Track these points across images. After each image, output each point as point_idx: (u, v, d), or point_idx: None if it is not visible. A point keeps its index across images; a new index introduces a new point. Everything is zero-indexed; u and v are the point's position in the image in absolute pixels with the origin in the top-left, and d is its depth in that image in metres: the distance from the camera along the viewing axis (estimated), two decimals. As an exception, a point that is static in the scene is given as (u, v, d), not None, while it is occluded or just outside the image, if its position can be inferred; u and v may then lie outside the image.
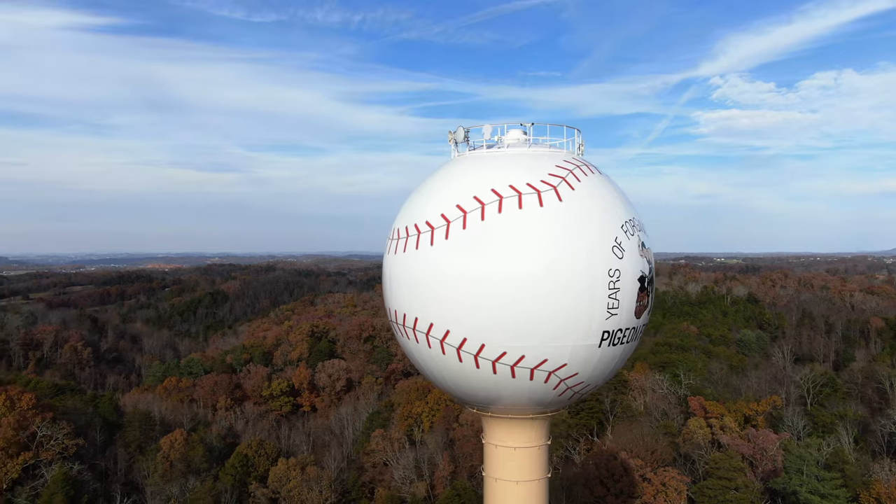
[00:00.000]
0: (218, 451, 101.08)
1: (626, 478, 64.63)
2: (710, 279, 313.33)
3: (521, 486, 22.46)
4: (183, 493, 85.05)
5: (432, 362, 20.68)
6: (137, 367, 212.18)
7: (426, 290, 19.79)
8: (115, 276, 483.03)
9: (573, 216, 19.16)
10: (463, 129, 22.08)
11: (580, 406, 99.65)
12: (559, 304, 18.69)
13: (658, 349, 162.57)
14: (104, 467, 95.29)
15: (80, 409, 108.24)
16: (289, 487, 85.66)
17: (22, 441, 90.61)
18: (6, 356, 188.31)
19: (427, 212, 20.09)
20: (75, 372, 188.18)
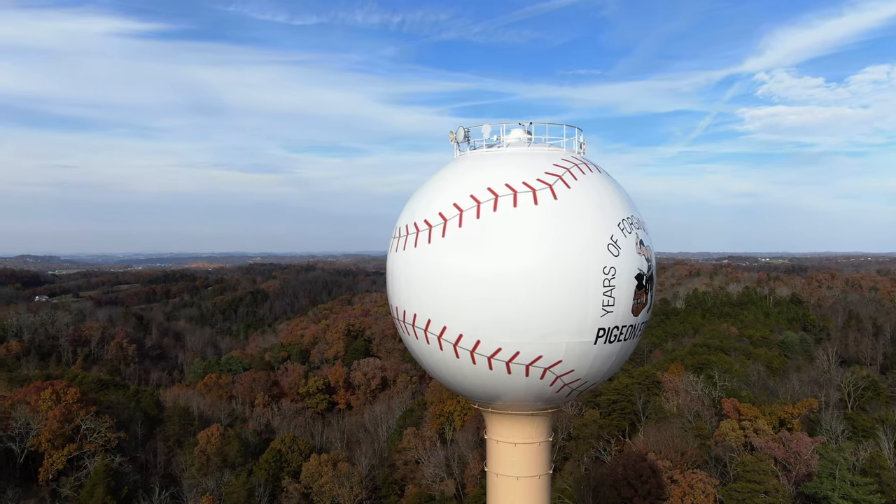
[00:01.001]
0: (253, 447, 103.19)
1: (653, 479, 63.96)
2: (752, 279, 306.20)
3: (521, 482, 22.66)
4: (218, 486, 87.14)
5: (432, 358, 21.07)
6: (180, 363, 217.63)
7: (424, 286, 20.20)
8: (160, 275, 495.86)
9: (568, 214, 19.32)
10: (463, 129, 22.42)
11: (612, 407, 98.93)
12: (553, 301, 18.87)
13: (696, 350, 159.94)
14: (144, 460, 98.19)
15: (123, 404, 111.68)
16: (320, 483, 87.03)
17: (67, 433, 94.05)
18: (56, 352, 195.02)
19: (426, 210, 20.49)
20: (121, 368, 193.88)
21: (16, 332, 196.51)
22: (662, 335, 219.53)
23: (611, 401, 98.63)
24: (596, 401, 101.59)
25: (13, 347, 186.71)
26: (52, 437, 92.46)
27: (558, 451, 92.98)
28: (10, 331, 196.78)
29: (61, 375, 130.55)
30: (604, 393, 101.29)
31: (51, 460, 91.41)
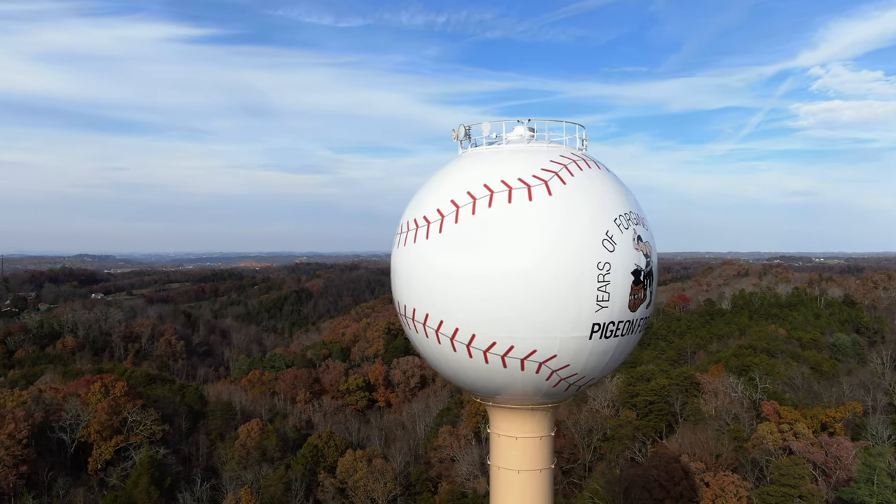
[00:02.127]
0: (292, 442, 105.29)
1: (685, 481, 63.03)
2: (803, 280, 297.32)
3: (522, 476, 22.89)
4: (257, 479, 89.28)
5: (432, 352, 21.49)
6: (226, 360, 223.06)
7: (422, 282, 20.66)
8: (209, 274, 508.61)
9: (562, 209, 19.48)
10: (464, 127, 22.75)
11: (648, 408, 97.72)
12: (546, 296, 19.06)
13: (741, 352, 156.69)
14: (187, 452, 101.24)
15: (169, 398, 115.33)
16: (355, 478, 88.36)
17: (115, 425, 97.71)
18: (108, 347, 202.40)
19: (425, 207, 20.93)
20: (169, 363, 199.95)
21: (71, 328, 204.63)
22: (707, 336, 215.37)
23: (647, 402, 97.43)
24: (633, 401, 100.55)
25: (69, 343, 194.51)
26: (101, 428, 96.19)
27: (593, 451, 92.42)
28: (67, 327, 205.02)
29: (111, 370, 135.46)
30: (640, 394, 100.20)
31: (99, 451, 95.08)
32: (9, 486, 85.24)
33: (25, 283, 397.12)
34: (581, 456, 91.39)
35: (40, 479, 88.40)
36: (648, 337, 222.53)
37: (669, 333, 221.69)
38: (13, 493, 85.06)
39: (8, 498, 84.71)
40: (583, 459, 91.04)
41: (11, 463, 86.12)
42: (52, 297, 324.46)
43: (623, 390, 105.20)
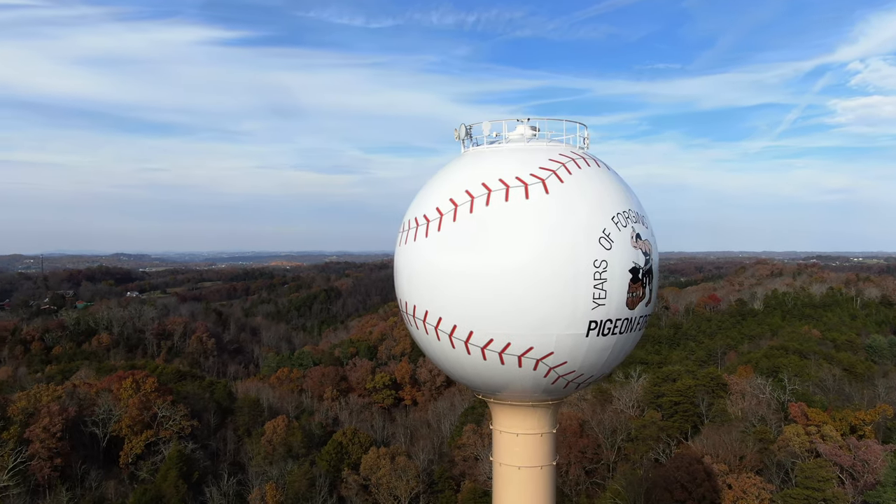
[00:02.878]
0: (317, 438, 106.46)
1: (707, 483, 62.30)
2: (839, 280, 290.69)
3: (523, 472, 23.07)
4: (282, 474, 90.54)
5: (432, 348, 21.81)
6: (256, 357, 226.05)
7: (421, 279, 21.00)
8: (241, 273, 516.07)
9: (559, 208, 19.62)
10: (465, 126, 22.99)
11: (674, 409, 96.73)
12: (542, 293, 19.22)
13: (772, 353, 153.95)
14: (215, 448, 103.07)
15: (198, 395, 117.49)
16: (378, 475, 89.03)
17: (145, 420, 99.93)
18: (142, 344, 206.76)
19: (425, 206, 21.24)
20: (200, 361, 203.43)
21: (106, 325, 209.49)
22: (738, 337, 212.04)
23: (673, 402, 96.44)
24: (658, 402, 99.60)
25: (104, 340, 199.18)
26: (132, 423, 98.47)
27: (617, 451, 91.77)
28: (102, 324, 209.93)
29: (143, 366, 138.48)
30: (666, 394, 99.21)
31: (130, 445, 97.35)
32: (44, 478, 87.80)
33: (64, 282, 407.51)
34: (605, 456, 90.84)
35: (74, 472, 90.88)
36: (678, 337, 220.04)
37: (699, 334, 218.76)
38: (48, 485, 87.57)
39: (43, 489, 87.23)
40: (606, 460, 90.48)
41: (46, 455, 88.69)
42: (89, 296, 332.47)
43: (648, 390, 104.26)
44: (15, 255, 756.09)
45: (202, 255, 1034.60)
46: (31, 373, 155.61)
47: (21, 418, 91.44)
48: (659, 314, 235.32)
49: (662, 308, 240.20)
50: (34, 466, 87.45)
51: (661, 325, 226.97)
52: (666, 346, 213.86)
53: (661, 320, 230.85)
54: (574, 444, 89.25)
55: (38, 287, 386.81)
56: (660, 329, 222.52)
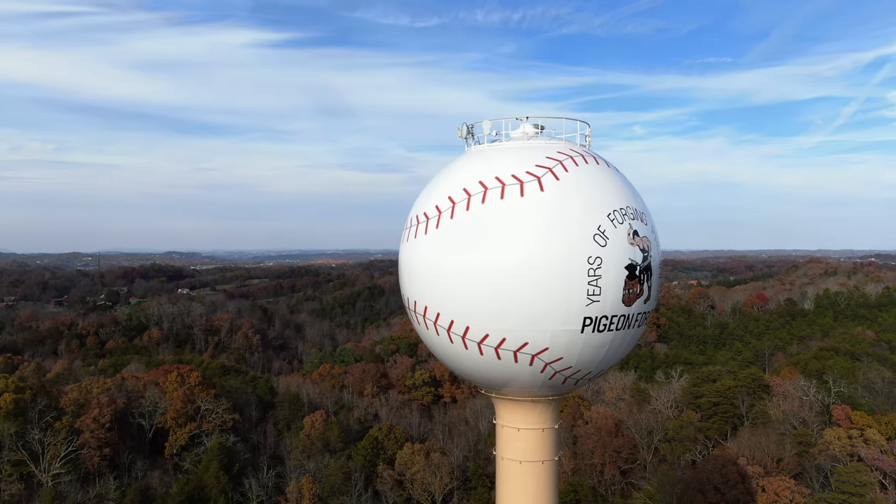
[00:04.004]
0: (355, 433, 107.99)
1: (741, 485, 61.12)
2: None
3: (524, 466, 23.34)
4: (319, 468, 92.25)
5: (432, 343, 22.35)
6: (299, 354, 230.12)
7: (421, 276, 21.53)
8: (287, 271, 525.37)
9: (553, 204, 19.85)
10: (466, 126, 23.36)
11: (713, 409, 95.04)
12: (536, 289, 19.49)
13: (821, 354, 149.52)
14: (256, 441, 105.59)
15: (241, 389, 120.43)
16: (413, 471, 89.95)
17: (189, 413, 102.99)
18: (190, 340, 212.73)
19: (427, 203, 21.73)
20: (246, 356, 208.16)
21: (157, 321, 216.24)
22: (787, 337, 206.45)
23: (712, 403, 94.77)
24: (696, 403, 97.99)
25: (154, 335, 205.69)
26: (177, 415, 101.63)
27: (654, 452, 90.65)
28: (153, 320, 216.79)
29: (190, 361, 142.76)
30: (705, 395, 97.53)
31: (175, 436, 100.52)
32: (93, 467, 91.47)
33: (119, 279, 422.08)
34: (641, 457, 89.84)
35: (121, 461, 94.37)
36: (723, 337, 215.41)
37: (746, 334, 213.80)
38: (97, 474, 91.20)
39: (93, 477, 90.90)
40: (643, 460, 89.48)
41: (96, 445, 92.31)
42: (141, 292, 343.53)
43: (687, 391, 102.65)
44: (74, 253, 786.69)
45: (251, 254, 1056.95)
46: (86, 366, 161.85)
47: (73, 409, 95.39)
48: (704, 314, 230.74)
49: (708, 308, 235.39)
50: (84, 455, 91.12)
51: (707, 324, 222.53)
52: (711, 346, 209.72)
53: (707, 320, 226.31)
54: (609, 443, 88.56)
55: (94, 284, 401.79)
56: (705, 329, 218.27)
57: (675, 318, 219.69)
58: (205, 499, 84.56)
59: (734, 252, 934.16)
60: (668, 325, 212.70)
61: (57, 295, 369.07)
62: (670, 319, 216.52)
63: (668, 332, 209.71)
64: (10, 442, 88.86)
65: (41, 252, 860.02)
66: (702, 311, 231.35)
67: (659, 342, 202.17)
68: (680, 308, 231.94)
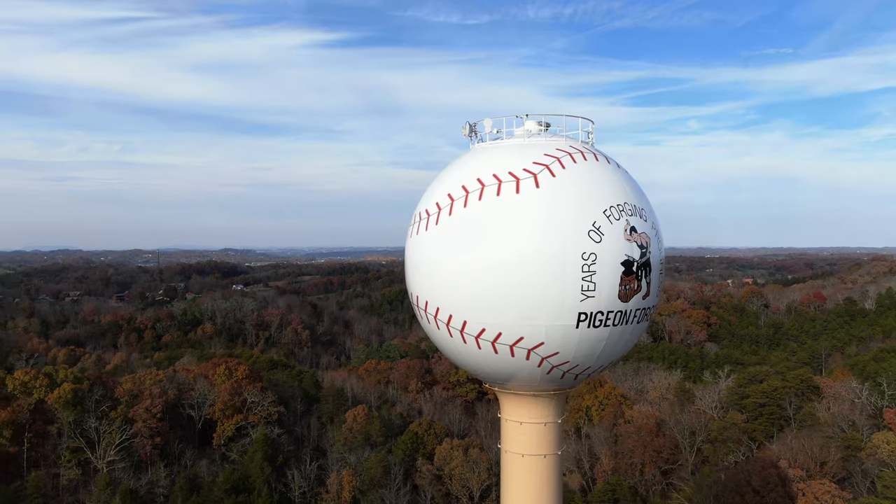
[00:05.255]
0: (396, 428, 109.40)
1: (781, 488, 59.55)
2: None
3: (526, 459, 23.64)
4: (360, 461, 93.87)
5: (435, 337, 22.86)
6: (347, 349, 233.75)
7: (422, 272, 22.09)
8: (338, 268, 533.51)
9: (548, 201, 20.09)
10: (469, 124, 23.75)
11: (759, 411, 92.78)
12: (529, 285, 19.77)
13: (881, 356, 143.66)
14: (300, 433, 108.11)
15: (287, 383, 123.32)
16: (451, 466, 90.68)
17: (236, 405, 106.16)
18: (242, 335, 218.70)
19: (429, 200, 22.26)
20: (295, 351, 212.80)
21: (210, 316, 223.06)
22: (845, 338, 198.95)
23: (758, 404, 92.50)
24: (742, 403, 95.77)
25: (207, 329, 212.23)
26: (224, 407, 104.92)
27: (696, 453, 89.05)
28: (206, 315, 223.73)
29: (239, 355, 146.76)
30: (751, 395, 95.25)
31: (222, 427, 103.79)
32: (145, 455, 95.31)
33: (177, 275, 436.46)
34: (682, 457, 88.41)
35: (172, 450, 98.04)
36: (777, 337, 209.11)
37: (801, 334, 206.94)
38: (149, 461, 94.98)
39: (145, 465, 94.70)
40: (685, 461, 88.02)
41: (148, 434, 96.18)
42: (197, 288, 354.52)
43: (733, 391, 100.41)
44: (135, 251, 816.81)
45: (303, 251, 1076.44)
46: (142, 358, 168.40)
47: (126, 399, 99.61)
48: (757, 313, 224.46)
49: (761, 307, 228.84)
50: (137, 444, 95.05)
51: (760, 324, 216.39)
52: (764, 346, 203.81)
53: (760, 319, 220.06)
54: (650, 443, 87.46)
55: (153, 280, 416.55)
56: (758, 329, 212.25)
57: (727, 318, 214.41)
58: (249, 488, 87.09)
59: (794, 249, 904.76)
60: (718, 324, 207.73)
61: (119, 290, 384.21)
62: (721, 318, 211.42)
63: (718, 332, 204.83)
64: (69, 429, 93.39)
65: (105, 249, 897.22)
66: (755, 311, 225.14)
67: (709, 342, 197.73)
68: (732, 307, 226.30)
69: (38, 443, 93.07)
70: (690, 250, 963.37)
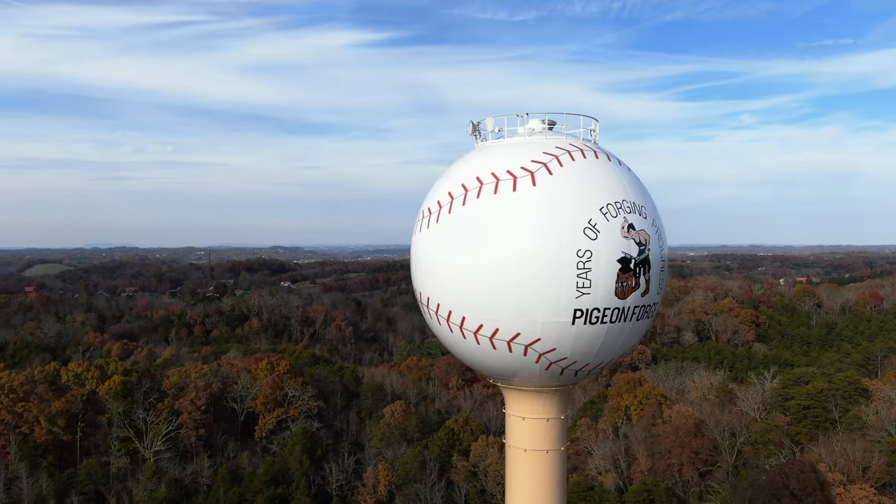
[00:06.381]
0: (434, 424, 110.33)
1: (819, 492, 57.90)
2: None
3: (529, 455, 23.85)
4: (396, 456, 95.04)
5: (437, 333, 23.30)
6: (390, 346, 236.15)
7: (423, 268, 22.61)
8: (383, 265, 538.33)
9: (544, 199, 20.27)
10: (472, 123, 24.06)
11: (803, 413, 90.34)
12: (525, 281, 20.00)
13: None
14: (339, 427, 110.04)
15: (328, 378, 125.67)
16: (486, 463, 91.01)
17: (277, 399, 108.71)
18: (287, 330, 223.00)
19: (432, 198, 22.72)
20: (339, 347, 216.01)
21: (257, 312, 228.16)
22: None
23: (802, 406, 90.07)
24: (785, 405, 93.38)
25: (254, 325, 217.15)
26: (266, 401, 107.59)
27: (737, 455, 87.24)
28: (253, 311, 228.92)
29: (283, 350, 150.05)
30: (795, 397, 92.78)
31: (264, 420, 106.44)
32: (190, 445, 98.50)
33: (227, 272, 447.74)
34: (722, 459, 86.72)
35: (215, 442, 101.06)
36: (830, 338, 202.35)
37: (856, 335, 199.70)
38: (194, 452, 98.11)
39: (190, 455, 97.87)
40: (724, 463, 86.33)
41: (192, 426, 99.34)
42: (246, 284, 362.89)
43: (777, 393, 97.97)
44: (188, 248, 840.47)
45: (350, 248, 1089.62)
46: (191, 352, 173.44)
47: (173, 392, 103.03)
48: (809, 313, 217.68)
49: (814, 306, 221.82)
50: (183, 435, 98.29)
51: (812, 324, 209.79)
52: (816, 347, 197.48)
53: (812, 319, 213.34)
54: (687, 443, 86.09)
55: (205, 276, 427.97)
56: (809, 329, 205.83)
57: (777, 317, 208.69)
58: (288, 480, 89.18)
59: (853, 247, 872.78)
60: (768, 324, 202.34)
61: (171, 286, 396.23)
62: (771, 318, 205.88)
63: (768, 332, 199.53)
64: (119, 420, 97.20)
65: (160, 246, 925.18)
66: (807, 310, 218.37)
67: (758, 342, 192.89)
68: (782, 306, 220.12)
69: (90, 432, 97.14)
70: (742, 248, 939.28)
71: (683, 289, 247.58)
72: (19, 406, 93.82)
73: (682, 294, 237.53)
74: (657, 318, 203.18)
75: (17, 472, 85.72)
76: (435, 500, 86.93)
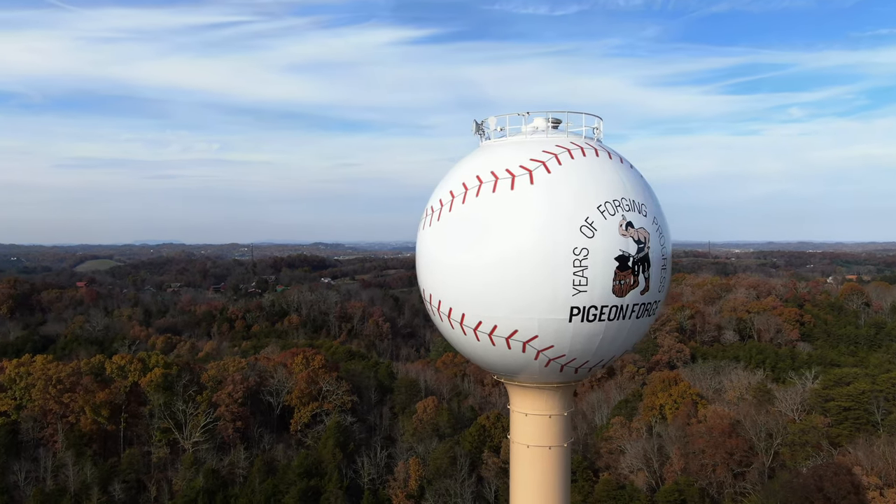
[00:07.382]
0: (466, 420, 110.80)
1: (853, 496, 56.41)
2: None
3: (532, 451, 24.04)
4: (427, 451, 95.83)
5: (440, 328, 23.63)
6: (427, 342, 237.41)
7: (425, 266, 23.07)
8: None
9: (542, 197, 20.45)
10: (476, 122, 24.32)
11: (843, 415, 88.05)
12: (523, 279, 20.21)
13: None
14: (372, 422, 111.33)
15: (363, 373, 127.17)
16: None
17: (312, 393, 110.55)
18: (325, 326, 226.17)
19: (435, 196, 23.10)
20: (376, 343, 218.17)
21: (296, 307, 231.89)
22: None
23: (842, 408, 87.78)
24: (825, 406, 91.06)
25: (293, 320, 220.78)
26: (301, 395, 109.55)
27: (773, 456, 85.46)
28: (293, 306, 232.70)
29: (320, 346, 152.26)
30: (835, 399, 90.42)
31: (299, 414, 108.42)
32: (227, 437, 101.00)
33: (269, 268, 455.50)
34: (757, 460, 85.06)
35: (251, 434, 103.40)
36: (880, 338, 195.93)
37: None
38: (231, 444, 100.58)
39: (227, 447, 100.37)
40: (759, 464, 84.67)
41: (230, 418, 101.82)
42: (287, 280, 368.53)
43: (817, 393, 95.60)
44: (232, 244, 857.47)
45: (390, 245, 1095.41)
46: (231, 347, 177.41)
47: (211, 385, 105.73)
48: (857, 312, 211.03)
49: (862, 305, 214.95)
50: (220, 427, 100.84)
51: (860, 324, 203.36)
52: (864, 347, 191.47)
53: (860, 319, 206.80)
54: (722, 444, 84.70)
55: (247, 272, 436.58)
56: (857, 328, 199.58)
57: (822, 316, 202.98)
58: (321, 473, 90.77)
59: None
60: (813, 323, 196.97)
61: (215, 282, 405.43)
62: (816, 317, 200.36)
63: (812, 331, 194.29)
64: (159, 411, 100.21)
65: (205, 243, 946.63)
66: (854, 309, 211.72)
67: (802, 341, 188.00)
68: (828, 305, 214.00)
69: (133, 422, 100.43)
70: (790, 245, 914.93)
71: (725, 286, 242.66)
72: (66, 397, 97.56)
73: (723, 292, 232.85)
74: (697, 316, 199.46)
75: (63, 460, 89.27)
76: (465, 496, 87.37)
